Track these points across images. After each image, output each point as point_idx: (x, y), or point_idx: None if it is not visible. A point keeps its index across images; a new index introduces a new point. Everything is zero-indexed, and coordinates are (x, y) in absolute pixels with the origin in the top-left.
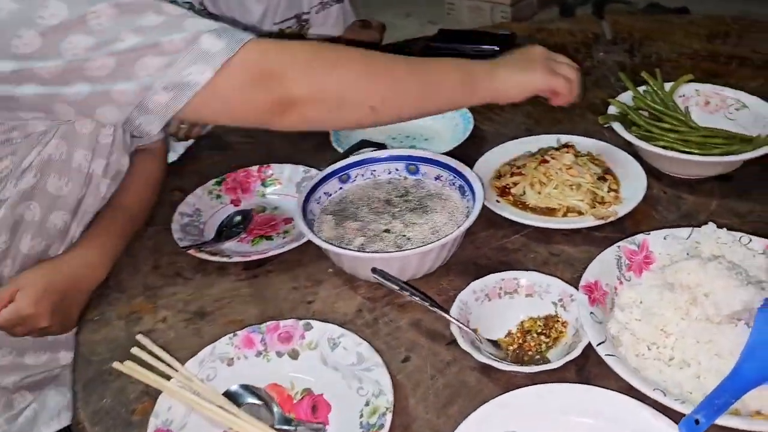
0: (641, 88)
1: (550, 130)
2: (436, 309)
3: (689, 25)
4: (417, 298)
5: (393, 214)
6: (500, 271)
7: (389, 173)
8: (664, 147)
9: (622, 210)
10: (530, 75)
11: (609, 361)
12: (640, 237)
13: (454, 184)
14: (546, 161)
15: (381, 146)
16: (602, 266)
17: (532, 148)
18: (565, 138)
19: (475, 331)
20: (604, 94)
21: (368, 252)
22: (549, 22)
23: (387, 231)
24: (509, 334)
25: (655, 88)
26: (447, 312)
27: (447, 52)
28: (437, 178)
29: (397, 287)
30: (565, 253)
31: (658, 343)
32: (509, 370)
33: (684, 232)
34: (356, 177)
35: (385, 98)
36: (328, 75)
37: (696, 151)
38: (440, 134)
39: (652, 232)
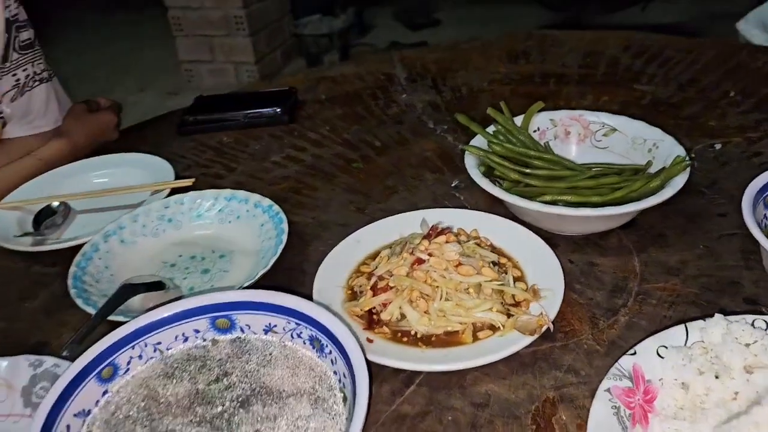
0: (490, 129)
1: (385, 202)
2: None
3: (483, 48)
4: None
5: (216, 424)
6: None
7: (186, 340)
8: (552, 203)
9: (549, 308)
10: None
11: None
12: (626, 362)
13: (300, 335)
14: (421, 261)
15: (157, 286)
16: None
17: (384, 238)
18: (431, 215)
19: None
20: (432, 143)
21: None
22: (328, 68)
23: None
24: None
25: (507, 127)
26: None
27: (212, 124)
28: (269, 328)
29: None
30: (496, 394)
31: None
32: None
33: (678, 333)
34: (129, 365)
35: None
36: None
37: (595, 200)
38: (241, 245)
39: (637, 348)
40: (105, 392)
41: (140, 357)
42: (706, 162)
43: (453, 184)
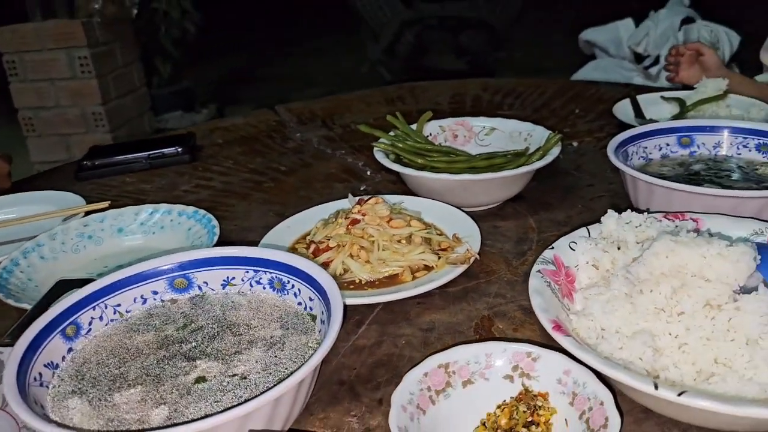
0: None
1: (302, 208)
2: None
3: (362, 97)
4: None
5: (189, 354)
6: (382, 379)
7: (145, 302)
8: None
9: (472, 246)
10: None
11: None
12: (548, 254)
13: (259, 281)
14: (357, 221)
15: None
16: (545, 300)
17: (312, 223)
18: (352, 202)
19: None
20: (335, 164)
21: (191, 421)
22: (219, 121)
23: (201, 379)
24: None
25: (404, 131)
26: None
27: (113, 167)
28: (227, 282)
29: None
30: (439, 320)
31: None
32: None
33: (582, 232)
34: (91, 325)
35: None
36: None
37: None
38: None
39: (555, 244)
40: (70, 350)
41: (101, 318)
42: (569, 155)
43: (361, 188)
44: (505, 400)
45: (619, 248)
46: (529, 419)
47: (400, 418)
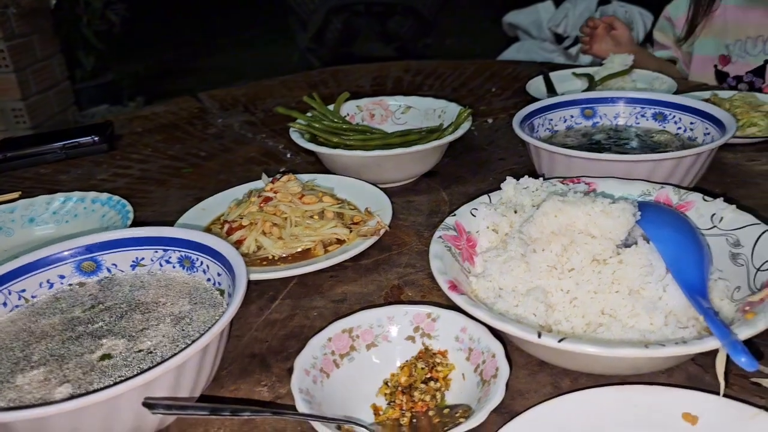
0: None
1: (218, 190)
2: (283, 414)
3: (284, 82)
4: (246, 414)
5: (95, 333)
6: (293, 349)
7: (51, 286)
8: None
9: (383, 219)
10: None
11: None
12: (450, 221)
13: (168, 260)
14: (269, 198)
15: None
16: (444, 263)
17: (227, 205)
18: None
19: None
20: (255, 148)
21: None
22: (136, 110)
23: (106, 356)
24: (377, 410)
25: (321, 111)
26: (305, 415)
27: (25, 159)
28: (136, 263)
29: (206, 412)
30: (351, 291)
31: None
32: None
33: (484, 199)
34: None
35: None
36: None
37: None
38: None
39: (457, 212)
40: None
41: (5, 305)
42: (483, 131)
43: (281, 170)
44: (407, 360)
45: (515, 212)
46: (428, 375)
47: (303, 381)
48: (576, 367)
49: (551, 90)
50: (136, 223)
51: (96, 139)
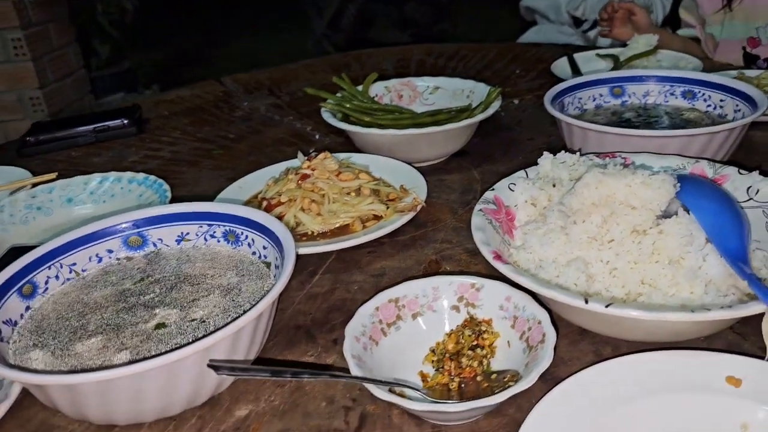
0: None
1: (249, 170)
2: (340, 378)
3: (308, 66)
4: (305, 376)
5: (148, 304)
6: (336, 321)
7: (100, 260)
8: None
9: (419, 196)
10: None
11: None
12: (489, 195)
13: (213, 235)
14: (307, 176)
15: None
16: (486, 235)
17: (263, 183)
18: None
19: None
20: (283, 130)
21: (141, 359)
22: (163, 94)
23: (161, 325)
24: (425, 377)
25: (351, 92)
26: (361, 378)
27: (57, 142)
28: (181, 238)
29: (267, 374)
30: (390, 266)
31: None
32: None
33: (521, 174)
34: (47, 284)
35: None
36: None
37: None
38: None
39: (495, 186)
40: (28, 308)
41: (57, 278)
42: (510, 112)
43: (311, 151)
44: (452, 329)
45: (554, 186)
46: (474, 343)
47: (354, 347)
48: (618, 334)
49: (576, 71)
50: (173, 202)
51: (125, 122)
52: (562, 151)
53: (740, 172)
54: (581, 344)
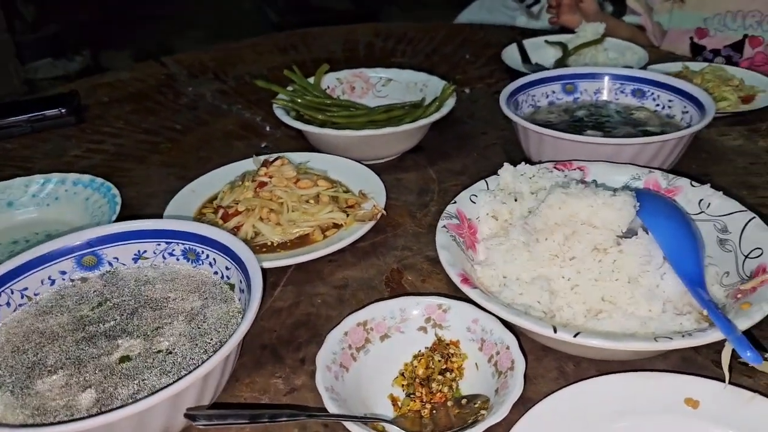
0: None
1: (203, 169)
2: (319, 417)
3: (253, 46)
4: (284, 419)
5: (109, 333)
6: (303, 339)
7: (53, 283)
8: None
9: (378, 202)
10: None
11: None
12: (451, 208)
13: (172, 253)
14: (264, 183)
15: None
16: (452, 254)
17: (217, 186)
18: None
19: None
20: (232, 120)
21: (111, 410)
22: (100, 77)
23: (125, 358)
24: (395, 400)
25: (302, 85)
26: (338, 416)
27: None
28: (138, 256)
29: (246, 420)
30: (352, 277)
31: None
32: None
33: (481, 185)
34: None
35: None
36: None
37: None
38: (70, 222)
39: (457, 198)
40: None
41: (8, 305)
42: (462, 103)
43: (262, 146)
44: (420, 350)
45: (516, 200)
46: (444, 367)
47: (326, 378)
48: (581, 354)
49: (525, 59)
50: (121, 206)
51: (63, 111)
52: (522, 163)
53: (692, 185)
54: (545, 361)
